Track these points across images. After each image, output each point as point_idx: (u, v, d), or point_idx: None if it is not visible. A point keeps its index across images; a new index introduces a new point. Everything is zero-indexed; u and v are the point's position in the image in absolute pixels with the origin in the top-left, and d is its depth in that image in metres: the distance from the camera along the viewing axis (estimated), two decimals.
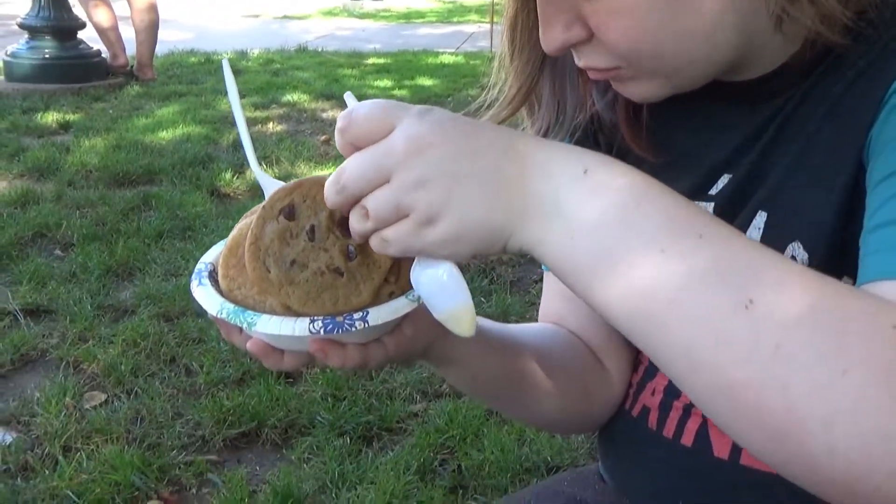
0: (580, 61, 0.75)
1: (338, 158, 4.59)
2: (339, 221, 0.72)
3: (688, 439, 0.82)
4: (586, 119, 0.89)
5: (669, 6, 0.67)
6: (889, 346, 0.49)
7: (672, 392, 0.85)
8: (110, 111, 5.48)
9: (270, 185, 0.87)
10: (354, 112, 0.61)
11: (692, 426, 0.82)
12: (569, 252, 0.58)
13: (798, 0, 0.66)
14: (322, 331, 0.67)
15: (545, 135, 0.87)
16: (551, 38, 0.72)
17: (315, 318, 0.68)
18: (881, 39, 0.67)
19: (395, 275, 0.73)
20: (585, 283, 0.58)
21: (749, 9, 0.68)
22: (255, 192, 4.02)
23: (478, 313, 0.67)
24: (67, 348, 2.58)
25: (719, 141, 0.81)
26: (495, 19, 0.84)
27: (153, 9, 6.32)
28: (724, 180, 0.80)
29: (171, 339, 2.64)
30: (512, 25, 0.82)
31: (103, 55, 6.34)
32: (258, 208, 0.77)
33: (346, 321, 0.68)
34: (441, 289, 0.65)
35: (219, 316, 0.70)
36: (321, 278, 0.70)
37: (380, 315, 0.69)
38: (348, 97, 0.69)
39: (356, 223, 0.63)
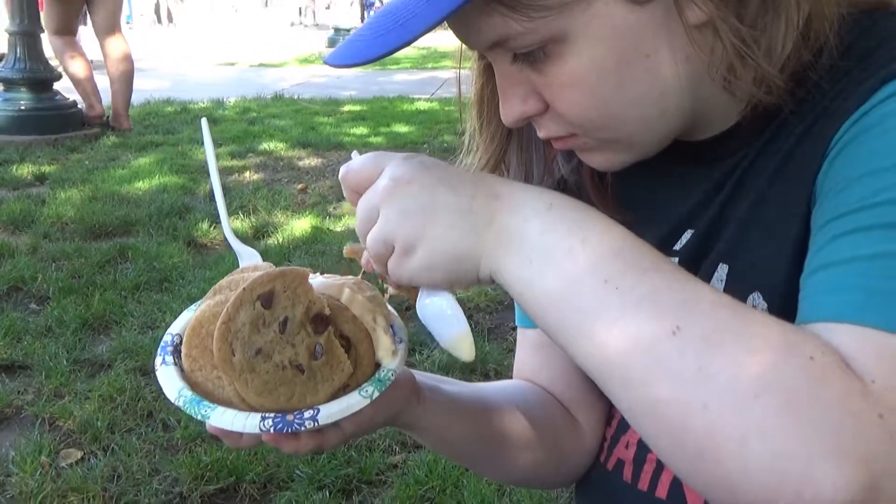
0: (540, 132, 0.78)
1: (315, 206, 4.61)
2: (314, 318, 0.73)
3: (662, 491, 0.84)
4: (554, 183, 0.92)
5: (618, 77, 0.70)
6: (802, 373, 0.53)
7: (645, 445, 0.87)
8: (86, 162, 5.48)
9: (244, 251, 0.88)
10: (351, 163, 0.72)
11: (666, 479, 0.84)
12: (527, 276, 0.64)
13: (734, 68, 0.70)
14: (272, 429, 0.69)
15: None
16: (509, 111, 0.76)
17: (266, 415, 0.70)
18: (822, 101, 0.71)
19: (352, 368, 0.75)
20: (539, 307, 0.64)
21: (695, 74, 0.72)
22: None
23: (454, 363, 0.69)
24: (43, 405, 2.56)
25: (680, 198, 0.84)
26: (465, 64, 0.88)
27: (128, 59, 6.36)
28: (687, 235, 0.83)
29: (148, 394, 2.62)
30: (479, 100, 0.87)
31: (79, 106, 6.36)
32: (226, 283, 0.78)
33: (297, 420, 0.70)
34: (443, 317, 0.71)
35: (176, 403, 0.72)
36: (282, 372, 0.71)
37: (330, 414, 0.71)
38: (354, 154, 0.75)
39: (375, 267, 0.72)
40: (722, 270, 0.78)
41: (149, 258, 3.69)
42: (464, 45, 0.83)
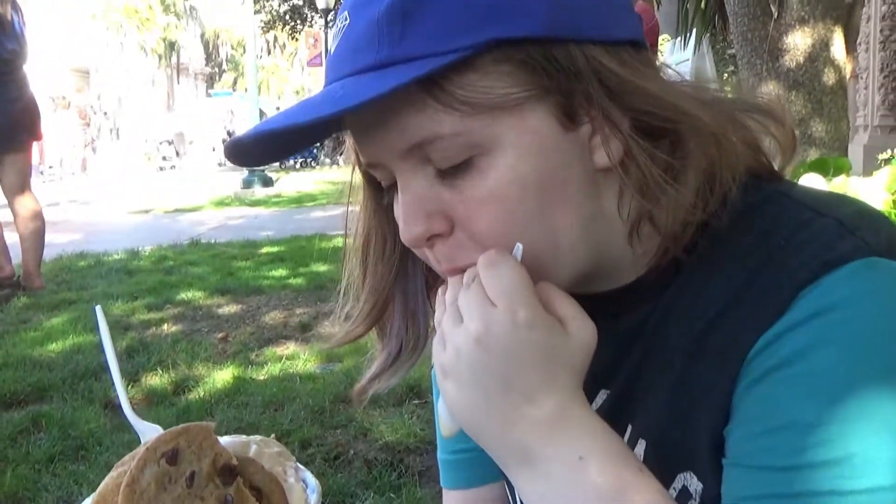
0: (441, 265, 0.76)
1: (236, 355, 4.53)
2: (221, 469, 0.73)
3: None
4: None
5: (537, 197, 0.70)
6: None
7: None
8: None
9: (145, 428, 0.87)
10: (503, 269, 0.69)
11: None
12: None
13: (642, 214, 0.73)
14: None
15: (396, 359, 0.88)
16: (412, 228, 0.73)
17: None
18: (730, 264, 0.72)
19: None
20: None
21: (605, 214, 0.74)
22: (152, 399, 3.91)
23: None
24: None
25: None
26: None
27: (39, 216, 6.26)
28: (602, 396, 0.83)
29: None
30: (365, 244, 0.85)
31: None
32: (129, 458, 0.77)
33: None
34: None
35: None
36: None
37: None
38: (517, 251, 0.73)
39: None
40: (640, 447, 0.79)
41: (64, 426, 3.55)
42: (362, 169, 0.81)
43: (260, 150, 0.75)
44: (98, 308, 0.91)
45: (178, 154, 29.44)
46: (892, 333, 0.64)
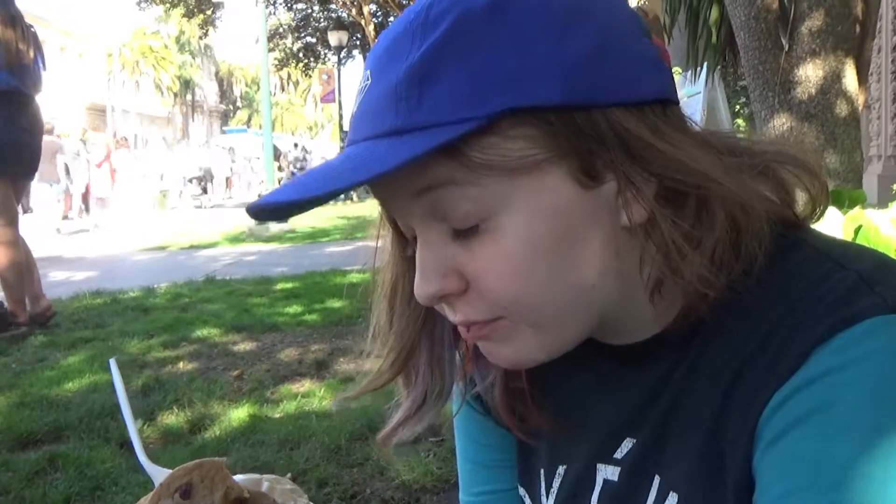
0: (455, 317, 0.76)
1: (252, 393, 4.53)
2: (233, 502, 0.74)
3: None
4: (465, 384, 0.92)
5: (553, 256, 0.69)
6: None
7: None
8: (13, 366, 5.32)
9: (159, 474, 0.88)
10: None
11: None
12: None
13: (664, 275, 0.71)
14: None
15: (421, 406, 0.87)
16: (427, 286, 0.73)
17: None
18: (753, 316, 0.71)
19: None
20: None
21: (623, 273, 0.73)
22: (168, 438, 3.91)
23: None
24: None
25: (613, 401, 0.83)
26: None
27: (22, 243, 6.20)
28: (627, 444, 0.82)
29: None
30: (392, 291, 0.85)
31: (4, 306, 6.21)
32: (145, 499, 0.78)
33: None
34: None
35: None
36: None
37: None
38: None
39: None
40: (672, 499, 0.77)
41: (80, 466, 3.55)
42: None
43: (281, 212, 0.73)
44: (112, 361, 0.92)
45: (205, 192, 29.70)
46: None
